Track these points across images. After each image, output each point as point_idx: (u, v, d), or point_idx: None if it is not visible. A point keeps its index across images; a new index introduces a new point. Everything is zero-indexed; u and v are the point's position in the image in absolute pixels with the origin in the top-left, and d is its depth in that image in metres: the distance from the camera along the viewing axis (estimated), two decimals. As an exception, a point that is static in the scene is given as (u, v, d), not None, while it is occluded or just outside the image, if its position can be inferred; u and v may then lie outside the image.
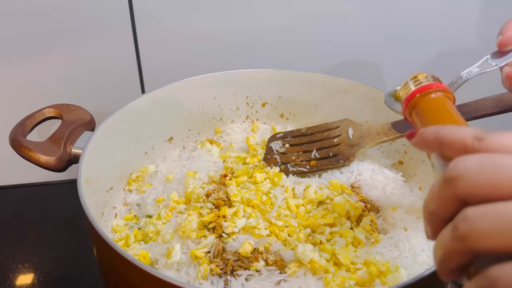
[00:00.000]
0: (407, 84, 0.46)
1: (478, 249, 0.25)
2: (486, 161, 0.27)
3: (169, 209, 0.59)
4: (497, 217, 0.25)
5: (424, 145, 0.34)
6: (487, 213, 0.25)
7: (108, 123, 0.62)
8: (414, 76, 0.46)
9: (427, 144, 0.33)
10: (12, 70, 0.79)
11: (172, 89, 0.71)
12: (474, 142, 0.29)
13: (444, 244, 0.28)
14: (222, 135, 0.79)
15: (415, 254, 0.53)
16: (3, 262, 0.72)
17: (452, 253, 0.27)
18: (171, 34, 0.81)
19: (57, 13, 0.75)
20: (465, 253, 0.26)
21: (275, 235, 0.54)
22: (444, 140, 0.31)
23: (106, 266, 0.52)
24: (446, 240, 0.27)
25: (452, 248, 0.27)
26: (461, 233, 0.26)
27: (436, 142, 0.32)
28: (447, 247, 0.27)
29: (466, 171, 0.27)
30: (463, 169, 0.27)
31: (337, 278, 0.49)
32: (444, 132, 0.31)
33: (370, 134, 0.65)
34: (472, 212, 0.26)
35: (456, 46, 0.89)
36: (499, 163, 0.26)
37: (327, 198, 0.60)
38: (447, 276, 0.29)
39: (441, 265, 0.28)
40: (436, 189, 0.29)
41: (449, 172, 0.28)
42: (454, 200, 0.28)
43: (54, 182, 0.88)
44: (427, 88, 0.43)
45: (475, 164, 0.27)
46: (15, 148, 0.59)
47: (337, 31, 0.85)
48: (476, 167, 0.27)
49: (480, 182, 0.26)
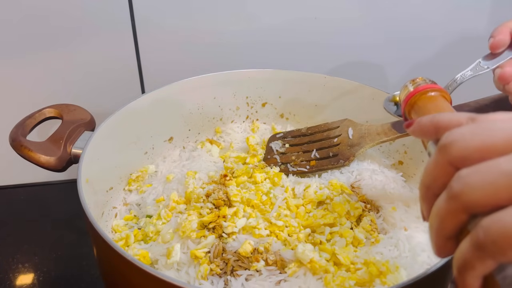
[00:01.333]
0: (406, 87, 0.50)
1: (472, 205, 0.26)
2: (478, 126, 0.28)
3: (169, 209, 0.59)
4: (488, 170, 0.26)
5: (421, 132, 0.35)
6: (479, 169, 0.26)
7: (108, 123, 0.62)
8: (412, 79, 0.50)
9: (424, 130, 0.34)
10: (12, 70, 0.79)
11: (172, 89, 0.71)
12: (468, 122, 0.30)
13: (440, 208, 0.28)
14: (222, 135, 0.79)
15: (415, 254, 0.53)
16: (3, 262, 0.72)
17: (448, 215, 0.27)
18: (171, 34, 0.81)
19: (57, 13, 0.75)
20: (460, 212, 0.27)
21: (275, 235, 0.54)
22: (440, 124, 0.32)
23: (106, 266, 0.52)
24: (441, 204, 0.28)
25: (447, 210, 0.27)
26: (455, 191, 0.27)
27: (432, 128, 0.33)
28: (442, 210, 0.28)
29: (459, 136, 0.28)
30: (457, 135, 0.28)
31: (337, 278, 0.49)
32: (440, 117, 0.33)
33: (370, 134, 0.65)
34: (466, 171, 0.27)
35: (456, 45, 0.89)
36: (490, 127, 0.28)
37: (327, 198, 0.60)
38: (443, 248, 0.29)
39: (437, 235, 0.29)
40: (431, 162, 0.30)
41: (443, 140, 0.29)
42: (449, 166, 0.28)
43: (54, 182, 0.88)
44: (424, 88, 0.47)
45: (467, 130, 0.28)
46: (15, 148, 0.59)
47: (337, 31, 0.85)
48: (468, 132, 0.28)
49: (472, 145, 0.27)
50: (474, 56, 0.55)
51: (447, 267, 0.43)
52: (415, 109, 0.47)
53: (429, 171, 0.30)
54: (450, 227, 0.28)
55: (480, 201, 0.26)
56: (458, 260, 0.27)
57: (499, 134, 0.27)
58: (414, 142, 0.68)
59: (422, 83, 0.48)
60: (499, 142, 0.27)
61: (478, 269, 0.25)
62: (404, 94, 0.49)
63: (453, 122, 0.31)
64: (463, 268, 0.26)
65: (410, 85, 0.49)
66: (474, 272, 0.26)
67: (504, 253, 0.24)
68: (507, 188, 0.25)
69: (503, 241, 0.24)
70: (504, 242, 0.24)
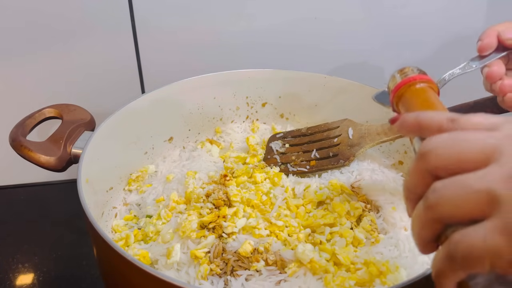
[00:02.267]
0: (394, 77, 0.49)
1: (445, 217, 0.28)
2: (455, 137, 0.29)
3: (169, 209, 0.59)
4: (460, 186, 0.27)
5: (405, 129, 0.36)
6: (451, 183, 0.28)
7: (108, 123, 0.62)
8: (401, 69, 0.49)
9: (408, 128, 0.35)
10: (12, 70, 0.79)
11: (172, 89, 0.71)
12: (448, 123, 0.32)
13: (418, 216, 0.30)
14: (222, 135, 0.79)
15: (415, 254, 0.53)
16: (3, 262, 0.72)
17: (424, 223, 0.29)
18: (171, 35, 0.81)
19: (58, 13, 0.75)
20: (434, 222, 0.29)
21: (275, 235, 0.54)
22: (422, 123, 0.34)
23: (106, 266, 0.52)
24: (419, 212, 0.30)
25: (424, 218, 0.29)
26: (430, 202, 0.28)
27: (416, 126, 0.34)
28: (421, 218, 0.29)
29: (436, 146, 0.29)
30: (434, 144, 0.30)
31: (337, 278, 0.49)
32: (422, 116, 0.34)
33: (370, 134, 0.65)
34: (440, 183, 0.28)
35: (455, 46, 0.89)
36: (466, 137, 0.29)
37: (327, 198, 0.60)
38: (425, 249, 0.31)
39: (418, 238, 0.31)
40: (411, 167, 0.31)
41: (422, 148, 0.30)
42: (427, 174, 0.30)
43: (54, 182, 0.88)
44: (412, 79, 0.46)
45: (444, 139, 0.29)
46: (15, 148, 0.59)
47: (337, 31, 0.85)
48: (444, 142, 0.29)
49: (447, 155, 0.29)
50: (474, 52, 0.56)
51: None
52: (403, 101, 0.46)
53: (411, 175, 0.31)
54: (428, 234, 0.30)
55: (452, 214, 0.27)
56: (434, 267, 0.29)
57: (474, 145, 0.28)
58: (414, 142, 0.68)
59: (410, 74, 0.47)
60: (473, 153, 0.28)
61: (450, 278, 0.28)
62: (393, 84, 0.48)
63: (434, 123, 0.33)
64: (439, 275, 0.28)
65: (398, 75, 0.48)
66: (447, 280, 0.28)
67: (472, 266, 0.26)
68: (476, 205, 0.26)
69: (470, 256, 0.26)
70: (471, 257, 0.26)
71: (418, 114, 0.34)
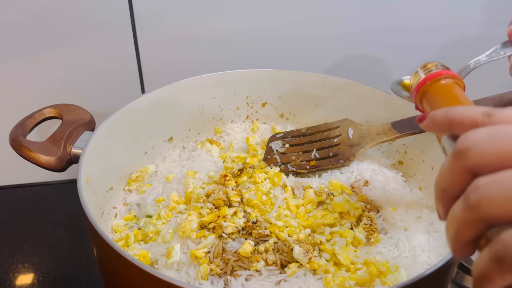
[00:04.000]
0: (417, 73, 0.47)
1: (490, 217, 0.25)
2: (495, 132, 0.27)
3: (169, 209, 0.59)
4: (506, 181, 0.25)
5: (434, 127, 0.33)
6: (497, 180, 0.25)
7: (108, 123, 0.62)
8: (424, 65, 0.46)
9: (438, 125, 0.33)
10: (12, 70, 0.79)
11: (172, 89, 0.71)
12: (484, 118, 0.29)
13: (456, 217, 0.27)
14: (222, 135, 0.79)
15: (415, 254, 0.53)
16: (3, 262, 0.72)
17: (465, 224, 0.27)
18: (171, 34, 0.81)
19: (57, 13, 0.75)
20: (477, 223, 0.26)
21: (275, 235, 0.54)
22: (454, 119, 0.31)
23: (106, 266, 0.52)
24: (458, 213, 0.27)
25: (464, 219, 0.27)
26: (473, 202, 0.26)
27: (446, 123, 0.32)
28: (459, 219, 0.27)
29: (475, 142, 0.27)
30: (473, 141, 0.27)
31: (337, 278, 0.49)
32: (454, 112, 0.31)
33: (370, 134, 0.65)
34: (483, 180, 0.26)
35: (458, 37, 0.89)
36: (507, 131, 0.27)
37: (327, 198, 0.60)
38: (461, 252, 0.28)
39: (454, 241, 0.28)
40: (447, 165, 0.29)
41: (459, 145, 0.28)
42: (465, 173, 0.28)
43: (54, 182, 0.88)
44: (436, 75, 0.44)
45: (484, 135, 0.27)
46: (15, 148, 0.59)
47: (338, 31, 0.85)
48: (485, 137, 0.27)
49: (489, 151, 0.26)
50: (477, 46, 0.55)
51: (447, 267, 0.43)
52: (427, 97, 0.44)
53: (444, 175, 0.29)
54: (468, 236, 0.27)
55: (498, 213, 0.25)
56: (477, 270, 0.26)
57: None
58: (414, 142, 0.68)
59: (434, 69, 0.45)
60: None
61: (497, 282, 0.25)
62: (416, 81, 0.46)
63: (467, 118, 0.30)
64: (482, 280, 0.26)
65: (422, 71, 0.46)
66: (493, 284, 0.25)
67: None
68: None
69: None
70: None
71: (448, 110, 0.32)
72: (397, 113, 0.65)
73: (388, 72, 0.92)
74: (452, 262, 0.44)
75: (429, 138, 0.64)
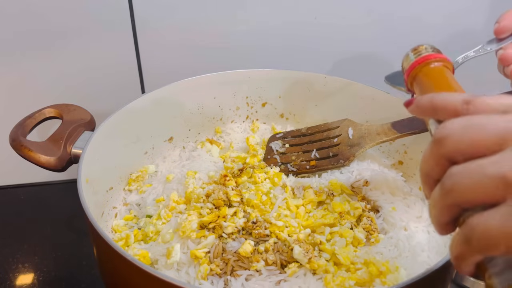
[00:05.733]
0: (408, 56, 0.47)
1: (462, 201, 0.28)
2: (470, 121, 0.29)
3: (169, 209, 0.59)
4: (475, 171, 0.27)
5: (420, 112, 0.36)
6: (467, 168, 0.28)
7: (108, 123, 0.62)
8: (414, 48, 0.47)
9: (423, 110, 0.36)
10: (12, 70, 0.79)
11: (172, 89, 0.71)
12: (463, 105, 0.32)
13: (435, 200, 0.30)
14: (222, 135, 0.79)
15: (415, 254, 0.53)
16: (3, 262, 0.72)
17: (442, 207, 0.29)
18: (171, 34, 0.81)
19: (57, 13, 0.75)
20: (452, 206, 0.29)
21: (275, 235, 0.54)
22: (437, 105, 0.34)
23: (106, 266, 0.52)
24: (436, 197, 0.30)
25: (441, 203, 0.29)
26: (447, 188, 0.29)
27: (430, 108, 0.34)
28: (437, 203, 0.30)
29: (451, 131, 0.29)
30: (449, 130, 0.30)
31: (337, 278, 0.49)
32: (437, 99, 0.34)
33: (370, 134, 0.65)
34: (456, 169, 0.28)
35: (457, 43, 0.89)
36: (481, 122, 0.29)
37: (327, 198, 0.60)
38: (443, 231, 0.31)
39: (436, 221, 0.31)
40: (428, 151, 0.31)
41: (437, 134, 0.30)
42: (443, 159, 0.30)
43: (54, 182, 0.88)
44: (426, 58, 0.44)
45: (460, 125, 0.29)
46: (15, 148, 0.59)
47: (337, 31, 0.85)
48: (460, 127, 0.29)
49: (463, 140, 0.29)
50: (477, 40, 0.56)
51: (447, 267, 0.43)
52: (417, 81, 0.44)
53: (426, 160, 0.32)
54: (446, 218, 0.30)
55: (468, 199, 0.28)
56: (452, 249, 0.29)
57: (490, 129, 0.28)
58: (414, 142, 0.68)
59: (424, 52, 0.45)
60: (489, 138, 0.28)
61: (468, 259, 0.28)
62: (407, 64, 0.46)
63: (449, 105, 0.33)
64: (456, 258, 0.29)
65: (412, 54, 0.46)
66: (465, 262, 0.28)
67: (488, 250, 0.26)
68: (491, 189, 0.26)
69: (486, 240, 0.26)
70: (487, 241, 0.26)
71: (433, 97, 0.34)
72: (397, 113, 0.65)
73: (388, 72, 0.92)
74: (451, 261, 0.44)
75: (429, 138, 0.64)
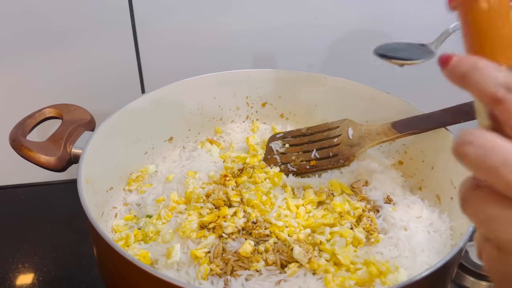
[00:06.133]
0: None
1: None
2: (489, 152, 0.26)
3: (169, 209, 0.59)
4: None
5: (454, 80, 0.30)
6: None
7: (108, 123, 0.62)
8: None
9: (457, 78, 0.30)
10: (12, 70, 0.79)
11: (172, 89, 0.71)
12: (504, 96, 0.27)
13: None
14: (222, 135, 0.79)
15: (415, 254, 0.53)
16: (3, 262, 0.72)
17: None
18: (171, 34, 0.81)
19: (57, 13, 0.75)
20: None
21: (275, 235, 0.54)
22: (474, 82, 0.29)
23: (106, 266, 0.52)
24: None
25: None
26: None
27: (467, 82, 0.29)
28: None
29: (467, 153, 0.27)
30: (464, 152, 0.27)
31: (337, 278, 0.49)
32: (478, 75, 0.29)
33: (370, 134, 0.65)
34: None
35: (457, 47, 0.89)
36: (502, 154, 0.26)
37: (327, 198, 0.60)
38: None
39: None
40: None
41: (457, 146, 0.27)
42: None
43: (54, 182, 0.88)
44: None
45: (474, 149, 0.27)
46: (15, 148, 0.59)
47: (337, 31, 0.85)
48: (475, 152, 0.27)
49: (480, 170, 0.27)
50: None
51: (447, 267, 0.43)
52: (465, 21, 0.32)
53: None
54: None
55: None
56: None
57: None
58: (414, 142, 0.68)
59: None
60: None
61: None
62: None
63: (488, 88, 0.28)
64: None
65: None
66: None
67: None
68: None
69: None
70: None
71: (475, 68, 0.29)
72: (397, 113, 0.65)
73: (389, 72, 0.92)
74: (452, 262, 0.44)
75: (429, 138, 0.64)
